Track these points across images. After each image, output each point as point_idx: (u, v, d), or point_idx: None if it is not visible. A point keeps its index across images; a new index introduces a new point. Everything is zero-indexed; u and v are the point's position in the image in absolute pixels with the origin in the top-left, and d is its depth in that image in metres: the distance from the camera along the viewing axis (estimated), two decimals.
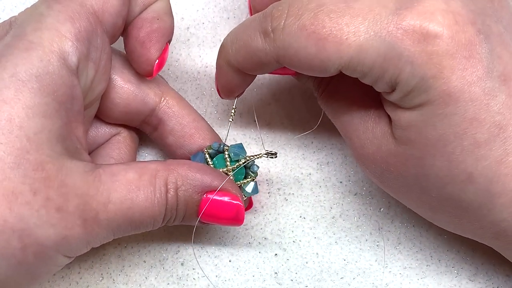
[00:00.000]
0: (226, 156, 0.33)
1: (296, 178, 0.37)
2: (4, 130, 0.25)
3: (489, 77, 0.26)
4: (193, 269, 0.36)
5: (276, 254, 0.36)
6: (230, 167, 0.33)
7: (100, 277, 0.36)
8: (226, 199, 0.31)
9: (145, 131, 0.35)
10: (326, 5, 0.27)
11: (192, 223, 0.31)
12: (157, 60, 0.32)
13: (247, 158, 0.33)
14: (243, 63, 0.30)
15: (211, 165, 0.33)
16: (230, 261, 0.36)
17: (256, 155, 0.33)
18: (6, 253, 0.25)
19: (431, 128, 0.27)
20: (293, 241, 0.36)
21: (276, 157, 0.33)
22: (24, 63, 0.26)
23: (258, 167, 0.34)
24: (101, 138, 0.34)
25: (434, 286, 0.35)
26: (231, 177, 0.32)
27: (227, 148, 0.33)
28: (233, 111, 0.34)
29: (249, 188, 0.33)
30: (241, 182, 0.33)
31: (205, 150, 0.33)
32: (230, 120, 0.34)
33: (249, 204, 0.35)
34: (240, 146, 0.33)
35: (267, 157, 0.33)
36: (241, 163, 0.33)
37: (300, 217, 0.37)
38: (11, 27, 0.29)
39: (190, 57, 0.39)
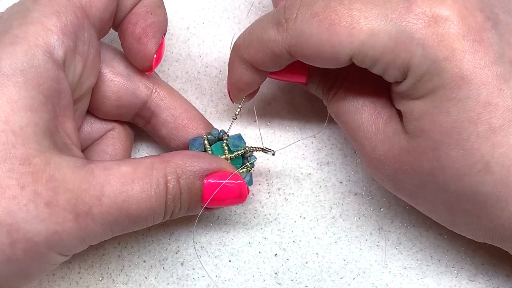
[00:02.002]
0: (224, 144, 0.33)
1: (296, 178, 0.37)
2: None
3: (501, 62, 0.27)
4: (193, 269, 0.36)
5: (276, 254, 0.36)
6: (228, 156, 0.33)
7: (100, 277, 0.36)
8: (227, 180, 0.31)
9: (138, 124, 0.35)
10: None
11: (197, 211, 0.31)
12: (155, 55, 0.32)
13: (246, 148, 0.33)
14: (255, 56, 0.30)
15: (209, 151, 0.33)
16: (230, 261, 0.36)
17: (255, 147, 0.33)
18: None
19: (444, 114, 0.27)
20: (293, 241, 0.36)
21: (273, 154, 0.34)
22: (9, 57, 0.26)
23: (256, 158, 0.34)
24: (95, 134, 0.34)
25: (434, 286, 0.35)
26: (228, 160, 0.32)
27: (226, 137, 0.33)
28: (238, 110, 0.34)
29: (244, 179, 0.33)
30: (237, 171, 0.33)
31: (205, 136, 0.33)
32: (234, 118, 0.34)
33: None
34: (239, 137, 0.34)
35: (265, 152, 0.33)
36: (240, 152, 0.33)
37: (300, 217, 0.37)
38: None
39: (190, 57, 0.39)
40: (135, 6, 0.32)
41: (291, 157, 0.37)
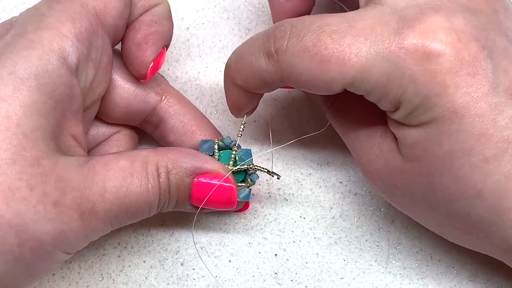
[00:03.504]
0: (232, 155, 0.33)
1: (296, 178, 0.37)
2: (1, 127, 0.26)
3: (495, 92, 0.26)
4: (193, 269, 0.36)
5: (276, 254, 0.36)
6: (231, 167, 0.33)
7: (100, 277, 0.36)
8: (217, 182, 0.31)
9: (146, 130, 0.35)
10: (328, 26, 0.27)
11: (186, 208, 0.32)
12: (152, 63, 0.32)
13: (251, 166, 0.33)
14: (248, 82, 0.30)
15: (216, 156, 0.33)
16: (230, 261, 0.36)
17: (260, 168, 0.33)
18: (3, 249, 0.25)
19: (437, 145, 0.27)
20: (293, 241, 0.36)
21: (279, 178, 0.34)
22: (24, 61, 0.27)
23: (258, 177, 0.34)
24: (101, 136, 0.35)
25: (434, 286, 0.35)
26: (228, 166, 0.32)
27: (235, 149, 0.33)
28: (242, 126, 0.34)
29: (242, 193, 0.33)
30: (237, 185, 0.33)
31: (216, 141, 0.33)
32: (239, 135, 0.34)
33: (245, 206, 0.35)
34: (247, 153, 0.33)
35: (270, 175, 0.33)
36: (243, 168, 0.33)
37: (300, 217, 0.37)
38: (12, 26, 0.29)
39: (190, 57, 0.39)
40: (142, 14, 0.32)
41: (291, 157, 0.37)
